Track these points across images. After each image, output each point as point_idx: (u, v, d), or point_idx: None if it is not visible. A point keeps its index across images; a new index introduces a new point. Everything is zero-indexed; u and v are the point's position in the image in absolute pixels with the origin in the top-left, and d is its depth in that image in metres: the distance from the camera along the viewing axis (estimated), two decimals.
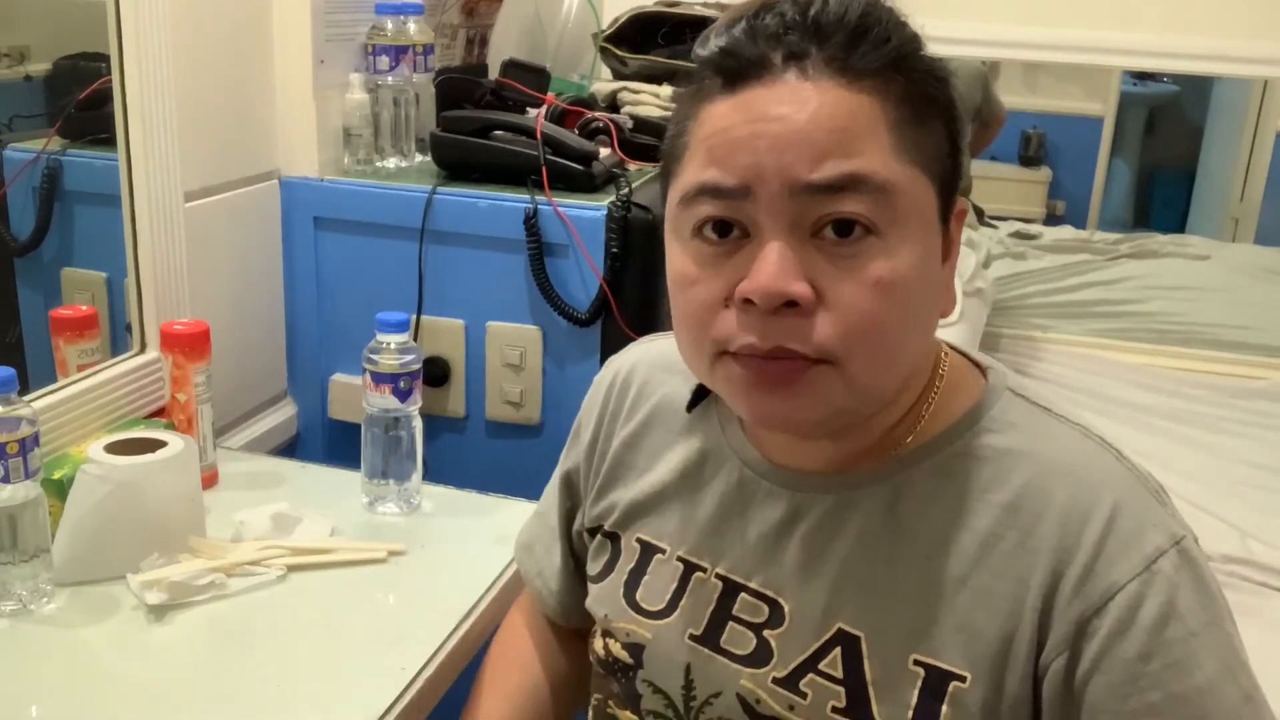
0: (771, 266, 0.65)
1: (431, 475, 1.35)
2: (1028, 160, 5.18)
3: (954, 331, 2.20)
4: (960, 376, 0.77)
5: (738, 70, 0.68)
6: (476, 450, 1.56)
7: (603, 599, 0.86)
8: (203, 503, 1.17)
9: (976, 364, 0.79)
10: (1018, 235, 3.37)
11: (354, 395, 1.49)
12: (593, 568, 0.89)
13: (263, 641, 1.04)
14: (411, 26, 1.57)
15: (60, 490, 1.10)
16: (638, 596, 0.83)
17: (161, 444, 1.13)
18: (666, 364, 0.88)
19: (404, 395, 1.26)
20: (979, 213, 3.49)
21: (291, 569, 1.13)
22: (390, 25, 1.56)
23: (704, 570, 0.80)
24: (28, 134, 1.33)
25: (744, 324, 0.67)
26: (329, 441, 1.63)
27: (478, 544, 1.19)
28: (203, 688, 0.96)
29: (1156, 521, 0.69)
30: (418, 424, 1.29)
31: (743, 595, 0.78)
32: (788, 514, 0.77)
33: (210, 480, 1.30)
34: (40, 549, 1.04)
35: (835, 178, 0.64)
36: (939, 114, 0.69)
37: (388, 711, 0.94)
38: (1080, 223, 4.50)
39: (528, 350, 1.49)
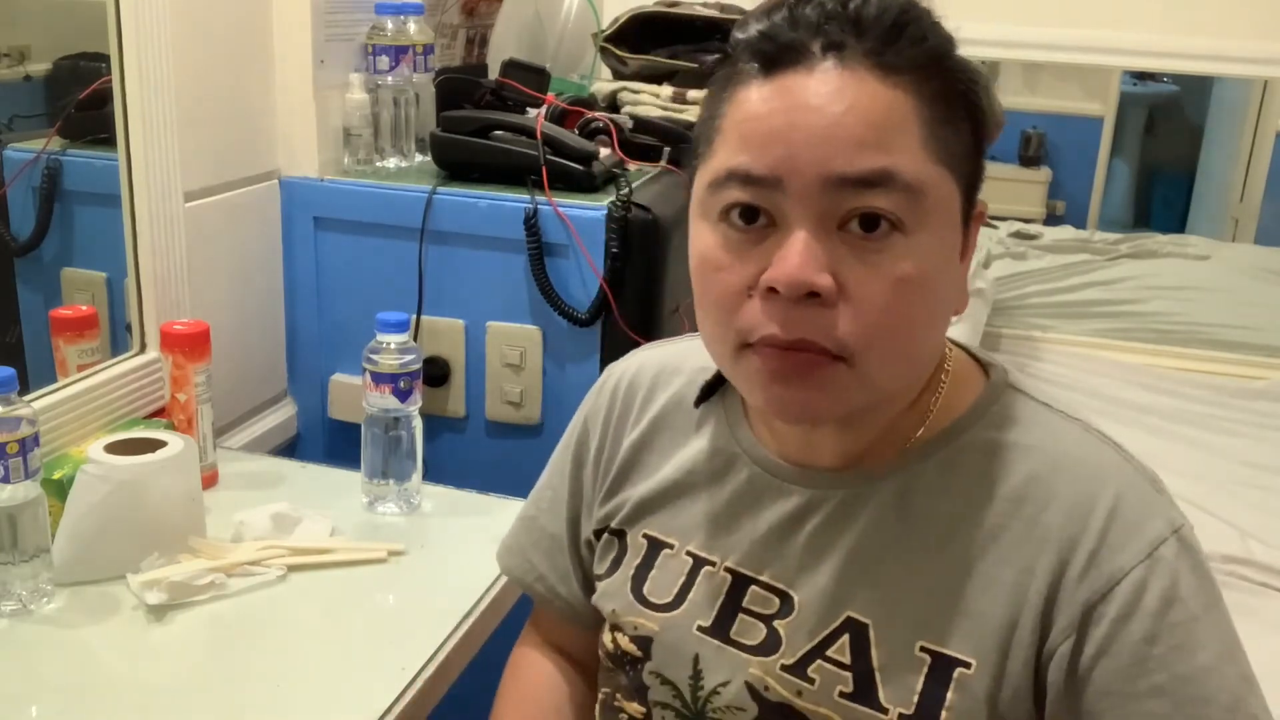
0: (797, 256, 0.65)
1: (431, 475, 1.35)
2: (1028, 160, 5.18)
3: (954, 331, 2.20)
4: (964, 372, 0.79)
5: (776, 55, 0.68)
6: (476, 450, 1.56)
7: (610, 594, 0.87)
8: (203, 503, 1.17)
9: (978, 360, 0.81)
10: (1018, 235, 3.36)
11: (354, 395, 1.49)
12: (599, 566, 0.89)
13: (263, 641, 1.04)
14: (411, 26, 1.57)
15: (60, 490, 1.10)
16: (645, 591, 0.84)
17: (161, 444, 1.13)
18: (672, 368, 0.89)
19: (404, 395, 1.26)
20: None
21: (291, 569, 1.13)
22: (390, 25, 1.56)
23: (713, 565, 0.81)
24: (28, 134, 1.33)
25: (767, 313, 0.67)
26: (329, 441, 1.63)
27: (478, 544, 1.19)
28: (203, 688, 0.96)
29: (1157, 510, 0.71)
30: (418, 424, 1.29)
31: (753, 588, 0.79)
32: (799, 509, 0.78)
33: (210, 480, 1.30)
34: (40, 549, 1.04)
35: (869, 172, 0.65)
36: (968, 115, 0.70)
37: (388, 711, 0.94)
38: (1080, 223, 4.50)
39: (528, 350, 1.49)
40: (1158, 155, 5.59)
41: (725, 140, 0.70)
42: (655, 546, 0.85)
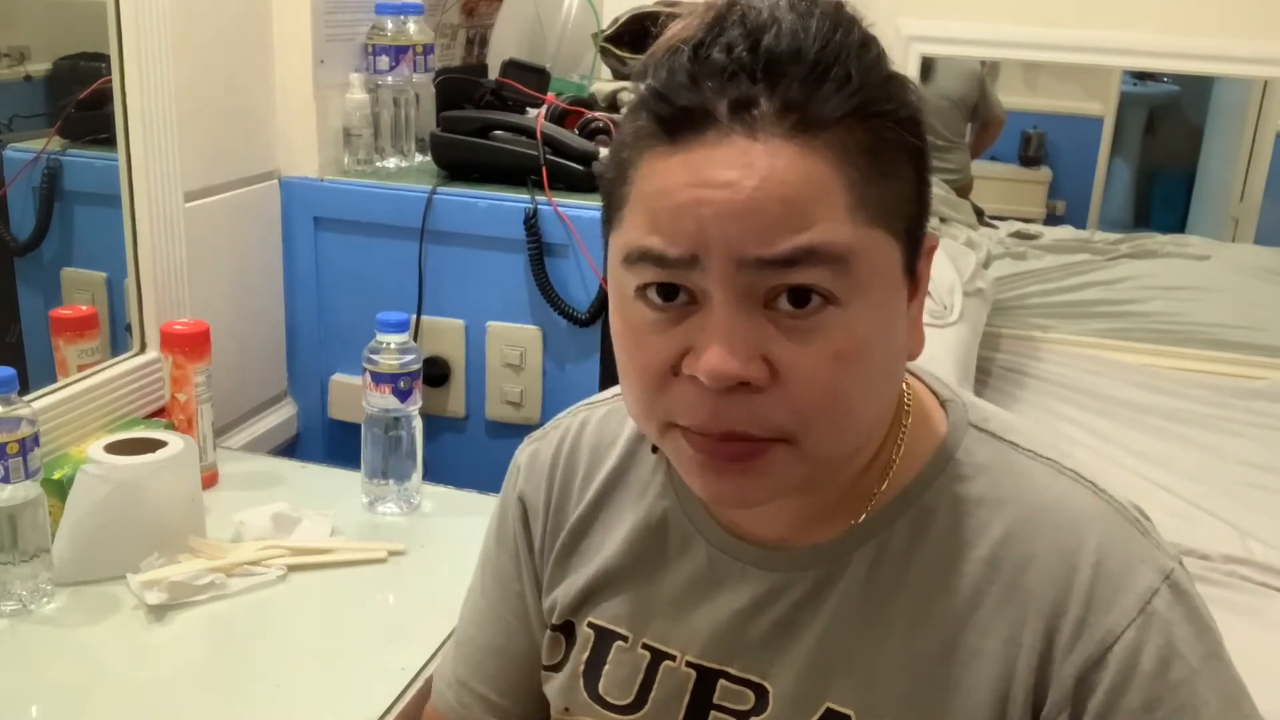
0: (722, 346, 0.59)
1: (431, 475, 1.35)
2: (1028, 160, 5.18)
3: (954, 331, 2.20)
4: (926, 412, 0.73)
5: (677, 121, 0.60)
6: (476, 450, 1.56)
7: (561, 690, 0.80)
8: (203, 503, 1.17)
9: (937, 396, 0.74)
10: (1018, 235, 3.36)
11: (354, 395, 1.49)
12: (547, 659, 0.82)
13: (263, 641, 1.04)
14: (411, 26, 1.57)
15: (60, 490, 1.10)
16: (601, 689, 0.77)
17: (161, 444, 1.13)
18: (609, 438, 0.81)
19: (404, 395, 1.26)
20: (979, 213, 3.49)
21: (291, 569, 1.13)
22: (390, 25, 1.56)
23: (673, 659, 0.75)
24: (28, 134, 1.33)
25: (694, 401, 0.61)
26: (329, 441, 1.63)
27: (478, 544, 1.19)
28: (203, 688, 0.96)
29: (1144, 556, 0.66)
30: (418, 424, 1.29)
31: (722, 682, 0.73)
32: (765, 594, 0.72)
33: (210, 480, 1.30)
34: (40, 549, 1.04)
35: (788, 252, 0.58)
36: (906, 158, 0.63)
37: (388, 711, 0.94)
38: (1080, 223, 4.49)
39: (528, 350, 1.49)
40: (1158, 155, 5.58)
41: (634, 213, 0.63)
42: (605, 637, 0.77)
